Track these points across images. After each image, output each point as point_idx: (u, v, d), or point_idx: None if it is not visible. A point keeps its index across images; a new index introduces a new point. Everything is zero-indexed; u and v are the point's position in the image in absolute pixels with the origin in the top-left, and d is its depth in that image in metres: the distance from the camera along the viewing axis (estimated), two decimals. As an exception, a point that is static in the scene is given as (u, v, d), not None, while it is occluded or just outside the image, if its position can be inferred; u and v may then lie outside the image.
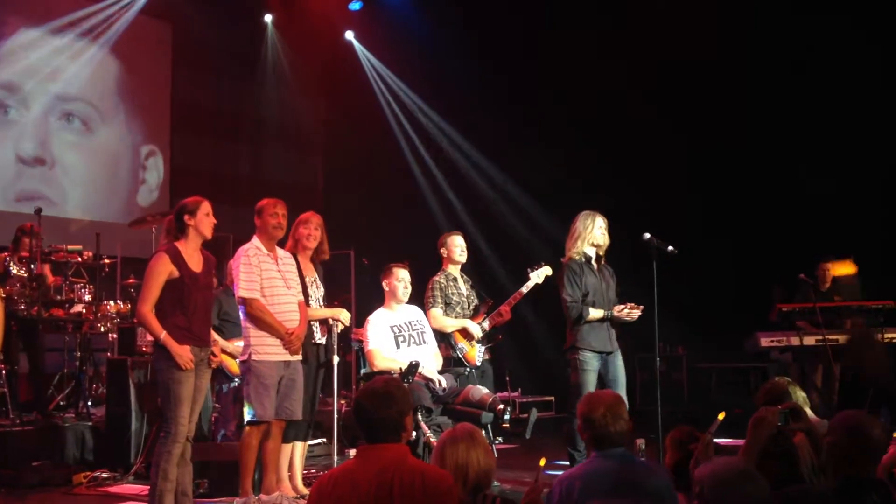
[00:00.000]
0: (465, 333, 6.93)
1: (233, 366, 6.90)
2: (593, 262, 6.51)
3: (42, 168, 10.79)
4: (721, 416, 3.78)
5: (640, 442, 5.17)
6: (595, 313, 6.36)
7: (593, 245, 6.49)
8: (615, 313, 6.43)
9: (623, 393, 6.12)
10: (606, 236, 6.51)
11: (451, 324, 6.92)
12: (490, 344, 7.11)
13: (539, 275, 7.15)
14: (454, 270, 7.14)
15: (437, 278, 7.05)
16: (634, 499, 3.30)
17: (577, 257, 6.46)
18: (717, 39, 9.90)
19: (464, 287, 7.13)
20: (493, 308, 7.08)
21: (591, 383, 6.27)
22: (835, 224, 9.55)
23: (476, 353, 6.93)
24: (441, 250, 7.17)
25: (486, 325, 7.00)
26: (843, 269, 8.68)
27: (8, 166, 10.55)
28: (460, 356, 6.91)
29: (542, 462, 3.73)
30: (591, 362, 6.31)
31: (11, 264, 7.99)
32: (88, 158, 11.29)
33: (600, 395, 3.70)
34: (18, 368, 8.18)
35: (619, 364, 6.44)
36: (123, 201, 11.63)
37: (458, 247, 7.12)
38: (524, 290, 7.10)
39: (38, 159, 10.75)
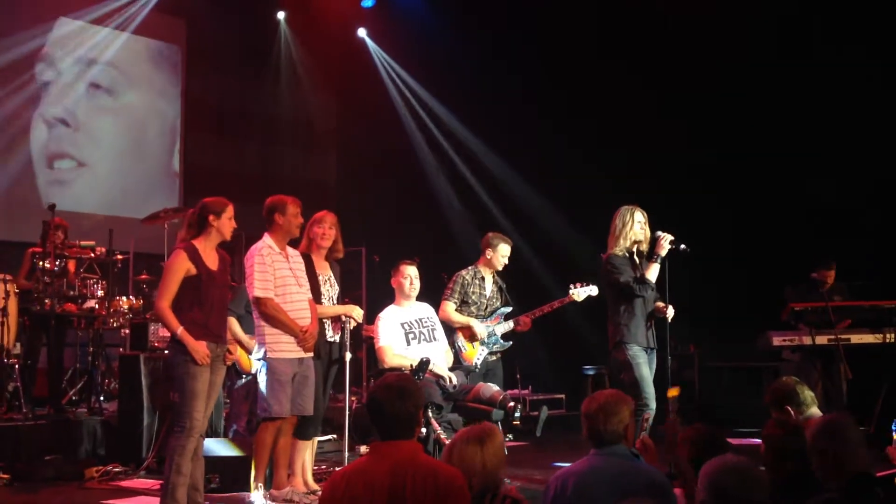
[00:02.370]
0: (469, 332, 6.87)
1: (245, 362, 6.92)
2: (635, 256, 6.46)
3: (69, 130, 11.06)
4: (673, 392, 3.73)
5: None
6: (654, 270, 6.31)
7: (634, 242, 6.43)
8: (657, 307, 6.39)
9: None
10: (647, 230, 6.45)
11: (457, 319, 6.85)
12: (498, 348, 6.96)
13: (581, 293, 6.90)
14: (485, 271, 7.00)
15: (463, 273, 6.95)
16: (629, 497, 3.29)
17: (620, 253, 6.42)
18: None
19: (489, 288, 6.99)
20: (512, 315, 6.96)
21: (648, 376, 6.21)
22: (847, 224, 9.51)
23: (476, 354, 6.85)
24: (487, 251, 6.95)
25: (499, 329, 6.91)
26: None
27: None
28: (458, 354, 6.81)
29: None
30: (641, 354, 6.27)
31: (39, 261, 8.05)
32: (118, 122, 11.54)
33: (600, 393, 3.69)
34: (34, 363, 8.22)
35: (654, 365, 6.41)
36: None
37: (504, 256, 6.94)
38: (556, 304, 6.91)
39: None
